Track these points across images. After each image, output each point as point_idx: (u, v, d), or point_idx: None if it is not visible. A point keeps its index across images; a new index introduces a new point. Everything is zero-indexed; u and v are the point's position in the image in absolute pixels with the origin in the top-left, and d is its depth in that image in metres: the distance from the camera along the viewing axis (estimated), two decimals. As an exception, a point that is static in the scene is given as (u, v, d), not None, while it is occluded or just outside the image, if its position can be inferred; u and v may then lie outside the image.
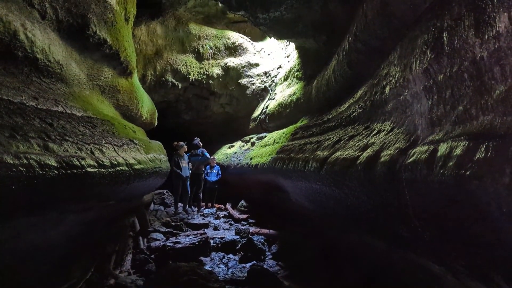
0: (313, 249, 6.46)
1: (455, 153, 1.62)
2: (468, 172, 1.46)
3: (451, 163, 1.63)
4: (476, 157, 1.44)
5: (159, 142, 8.30)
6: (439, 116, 1.93)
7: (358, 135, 3.40)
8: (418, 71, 2.21)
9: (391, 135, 2.57)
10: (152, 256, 6.23)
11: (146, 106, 9.11)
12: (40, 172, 3.15)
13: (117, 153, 4.96)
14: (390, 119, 2.79)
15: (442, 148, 1.76)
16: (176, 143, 10.55)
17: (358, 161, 2.83)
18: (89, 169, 4.02)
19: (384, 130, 2.82)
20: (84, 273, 5.40)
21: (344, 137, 3.79)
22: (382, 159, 2.43)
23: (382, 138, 2.72)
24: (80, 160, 3.93)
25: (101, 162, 4.33)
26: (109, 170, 4.47)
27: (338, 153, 3.50)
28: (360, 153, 2.93)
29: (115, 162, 4.68)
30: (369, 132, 3.16)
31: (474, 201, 1.49)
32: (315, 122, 6.64)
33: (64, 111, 4.55)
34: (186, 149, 10.63)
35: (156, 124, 10.26)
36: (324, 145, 4.31)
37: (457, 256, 1.95)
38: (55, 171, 3.54)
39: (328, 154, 3.79)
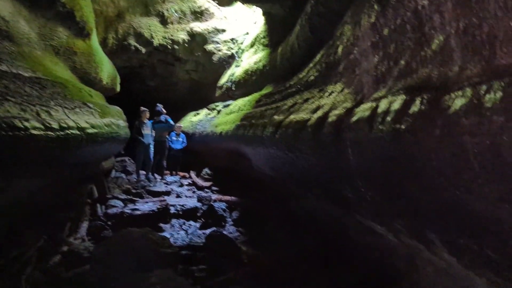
0: (274, 216, 6.50)
1: (393, 108, 1.56)
2: (404, 127, 1.40)
3: (389, 118, 1.57)
4: (411, 111, 1.38)
5: (117, 107, 8.01)
6: (383, 72, 1.86)
7: (312, 98, 3.32)
8: (366, 26, 2.13)
9: (341, 96, 2.50)
10: (109, 223, 6.09)
11: (107, 70, 8.74)
12: (-26, 132, 2.96)
13: (68, 116, 4.71)
14: (342, 79, 2.71)
15: (383, 104, 1.70)
16: (142, 108, 10.27)
17: (309, 123, 2.76)
18: (34, 132, 3.80)
19: (335, 91, 2.75)
20: (36, 240, 5.23)
21: (300, 100, 3.71)
22: (330, 119, 2.36)
23: (333, 99, 2.65)
24: (23, 121, 3.69)
25: (48, 124, 4.10)
26: (58, 133, 4.25)
27: (292, 116, 3.43)
28: (311, 115, 2.86)
29: (65, 125, 4.44)
30: (322, 94, 3.08)
31: (409, 157, 1.44)
32: (278, 89, 6.54)
33: (8, 70, 4.25)
34: (148, 116, 10.35)
35: (118, 89, 9.88)
36: (281, 109, 4.23)
37: (395, 215, 1.93)
38: (-6, 132, 3.33)
39: (283, 117, 3.71)
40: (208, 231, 6.31)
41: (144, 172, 10.37)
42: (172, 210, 7.35)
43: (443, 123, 1.20)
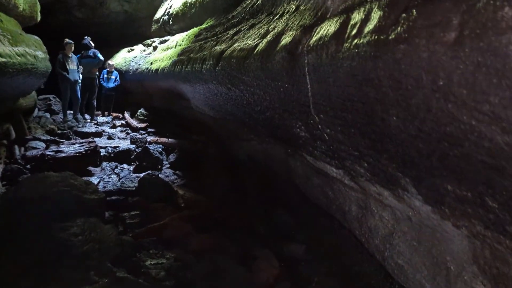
0: (213, 159, 6.16)
1: (374, 15, 1.19)
2: (393, 35, 1.05)
3: (368, 29, 1.20)
4: (405, 13, 1.02)
5: (36, 37, 7.03)
6: (355, -26, 1.47)
7: (259, 23, 2.86)
8: None
9: (296, 16, 2.08)
10: (28, 166, 5.42)
11: (23, -5, 7.55)
12: None
13: (-36, 40, 3.91)
14: (296, -4, 2.29)
15: (357, 14, 1.32)
16: (66, 40, 9.16)
17: (256, 50, 2.34)
18: None
19: (288, 11, 2.31)
20: None
21: (244, 27, 3.24)
22: (283, 42, 1.96)
23: (285, 20, 2.22)
24: None
25: None
26: (-49, 59, 3.49)
27: (235, 44, 2.96)
28: (259, 40, 2.43)
29: (-41, 50, 3.67)
30: (271, 17, 2.63)
31: (394, 77, 1.10)
32: (220, 21, 5.97)
33: None
34: (73, 49, 9.26)
35: (38, 19, 8.67)
36: (223, 39, 3.74)
37: (360, 156, 1.63)
38: None
39: (225, 47, 3.23)
40: (142, 175, 5.87)
41: (71, 112, 9.47)
42: (103, 152, 6.76)
43: (463, 20, 0.84)
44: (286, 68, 1.86)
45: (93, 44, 10.15)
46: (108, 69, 10.85)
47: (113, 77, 10.95)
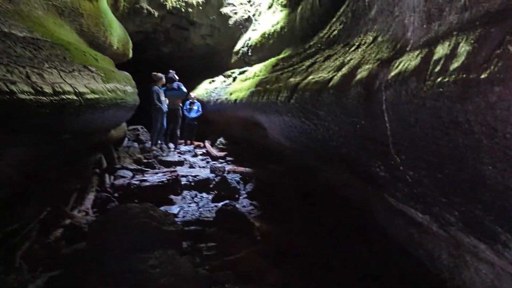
0: (290, 189, 6.06)
1: (462, 50, 1.04)
2: (484, 75, 0.90)
3: (454, 66, 1.06)
4: (499, 49, 0.88)
5: (126, 73, 7.57)
6: (439, 4, 1.33)
7: (334, 55, 2.77)
8: None
9: (373, 47, 1.96)
10: (116, 194, 5.76)
11: (117, 34, 8.26)
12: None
13: (64, 80, 4.28)
14: (374, 27, 2.16)
15: (441, 49, 1.18)
16: (154, 73, 9.84)
17: (331, 84, 2.24)
18: (21, 96, 3.39)
19: (365, 42, 2.20)
20: (39, 212, 4.94)
21: (320, 58, 3.16)
22: (358, 76, 1.84)
23: (362, 52, 2.11)
24: (8, 84, 3.28)
25: (39, 88, 3.68)
26: (51, 98, 3.83)
27: (310, 77, 2.89)
28: (334, 73, 2.33)
29: (59, 90, 4.02)
30: (347, 49, 2.53)
31: (487, 123, 0.94)
32: (297, 51, 5.98)
33: (-2, 29, 3.84)
34: (164, 82, 9.95)
35: (130, 55, 9.44)
36: (298, 71, 3.69)
37: (449, 204, 1.45)
38: (-30, 96, 2.96)
39: (300, 79, 3.18)
40: (220, 204, 5.94)
41: (159, 142, 10.05)
42: (184, 181, 6.99)
43: None
44: (362, 104, 1.74)
45: (177, 77, 10.73)
46: (190, 100, 11.39)
47: (195, 107, 11.47)
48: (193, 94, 11.74)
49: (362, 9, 2.46)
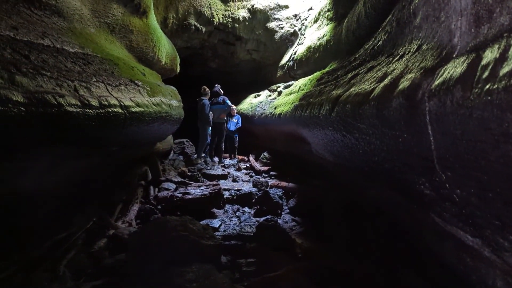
0: (333, 205, 5.87)
1: (513, 53, 0.92)
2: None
3: (504, 70, 0.93)
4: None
5: (172, 87, 7.75)
6: (489, 5, 1.19)
7: (378, 66, 2.64)
8: None
9: (417, 56, 1.82)
10: (159, 207, 5.83)
11: (165, 50, 8.52)
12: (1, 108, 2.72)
13: (110, 93, 4.43)
14: (419, 35, 2.01)
15: (490, 52, 1.06)
16: (204, 87, 10.07)
17: (372, 95, 2.12)
18: (69, 108, 3.52)
19: (409, 51, 2.06)
20: (86, 222, 5.09)
21: (362, 70, 3.04)
22: (400, 86, 1.71)
23: (405, 61, 1.97)
24: (56, 97, 3.42)
25: (86, 101, 3.82)
26: (97, 111, 3.96)
27: (352, 89, 2.77)
28: (376, 84, 2.21)
29: (105, 103, 4.16)
30: (391, 59, 2.39)
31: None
32: (342, 64, 5.85)
33: (51, 45, 4.04)
34: (209, 96, 10.14)
35: (178, 70, 9.72)
36: (341, 83, 3.57)
37: (502, 226, 1.29)
38: (22, 108, 3.09)
39: (342, 91, 3.06)
40: (262, 219, 5.86)
41: (203, 155, 10.18)
42: (227, 194, 6.99)
43: None
44: (404, 116, 1.61)
45: (222, 92, 10.87)
46: (231, 113, 11.52)
47: (235, 120, 11.59)
48: (233, 108, 11.88)
49: (407, 17, 2.32)
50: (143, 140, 6.01)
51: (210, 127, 10.15)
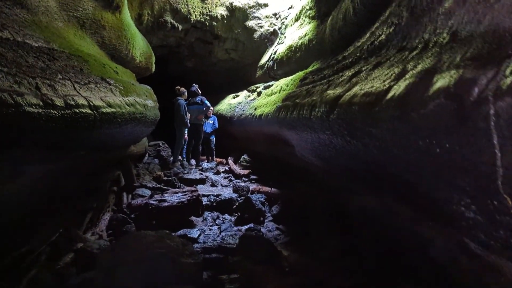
0: (320, 212, 5.56)
1: None
2: None
3: None
4: None
5: (147, 86, 7.30)
6: None
7: (387, 61, 2.31)
8: None
9: (454, 46, 1.49)
10: (133, 215, 5.38)
11: (140, 48, 8.06)
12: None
13: (78, 92, 3.97)
14: (448, 23, 1.69)
15: None
16: (178, 87, 9.62)
17: (390, 95, 1.78)
18: (29, 109, 3.07)
19: (436, 43, 1.73)
20: (51, 234, 4.61)
21: (366, 67, 2.70)
22: (438, 84, 1.37)
23: (434, 54, 1.64)
24: (14, 96, 2.96)
25: (49, 101, 3.36)
26: (63, 112, 3.51)
27: (356, 88, 2.42)
28: (393, 82, 1.87)
29: (72, 103, 3.71)
30: (406, 53, 2.06)
31: None
32: (328, 63, 5.54)
33: (11, 38, 3.56)
34: (186, 96, 9.71)
35: (153, 69, 9.27)
36: (337, 82, 3.23)
37: None
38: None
39: (342, 91, 2.72)
40: (244, 228, 5.49)
41: (180, 158, 9.73)
42: (205, 201, 6.60)
43: None
44: (447, 121, 1.28)
45: (200, 91, 10.45)
46: (207, 114, 11.13)
47: (211, 121, 11.23)
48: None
49: (427, 3, 2.00)
50: (116, 143, 5.54)
51: (187, 129, 9.71)
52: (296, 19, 9.27)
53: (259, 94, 9.84)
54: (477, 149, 1.18)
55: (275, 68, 9.66)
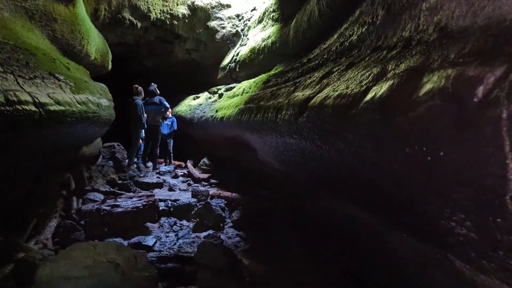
0: (282, 218, 5.40)
1: None
2: None
3: None
4: None
5: (102, 84, 6.88)
6: None
7: (362, 61, 2.16)
8: None
9: (444, 42, 1.33)
10: (82, 222, 4.98)
11: (95, 44, 7.60)
12: None
13: (21, 87, 3.58)
14: (434, 19, 1.54)
15: None
16: (136, 86, 9.20)
17: (368, 97, 1.62)
18: (-40, 104, 2.70)
19: (422, 40, 1.58)
20: (-12, 243, 4.16)
21: (337, 68, 2.55)
22: (429, 84, 1.21)
23: (421, 52, 1.48)
24: None
25: (-16, 96, 2.99)
26: (2, 108, 3.13)
27: (328, 89, 2.26)
28: (371, 83, 1.71)
29: (14, 99, 3.32)
30: (384, 53, 1.91)
31: None
32: (292, 66, 5.42)
33: None
34: (143, 96, 9.30)
35: (109, 67, 8.79)
36: (305, 83, 3.07)
37: None
38: None
39: (312, 93, 2.54)
40: (202, 235, 5.24)
41: (136, 160, 9.28)
42: (162, 206, 6.29)
43: None
44: (441, 126, 1.12)
45: (158, 91, 10.07)
46: (165, 114, 10.77)
47: (168, 123, 10.91)
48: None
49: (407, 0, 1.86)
50: (65, 144, 5.12)
51: (144, 130, 9.30)
52: (259, 21, 9.13)
53: (220, 96, 9.60)
54: (482, 158, 1.02)
55: (238, 70, 9.47)
